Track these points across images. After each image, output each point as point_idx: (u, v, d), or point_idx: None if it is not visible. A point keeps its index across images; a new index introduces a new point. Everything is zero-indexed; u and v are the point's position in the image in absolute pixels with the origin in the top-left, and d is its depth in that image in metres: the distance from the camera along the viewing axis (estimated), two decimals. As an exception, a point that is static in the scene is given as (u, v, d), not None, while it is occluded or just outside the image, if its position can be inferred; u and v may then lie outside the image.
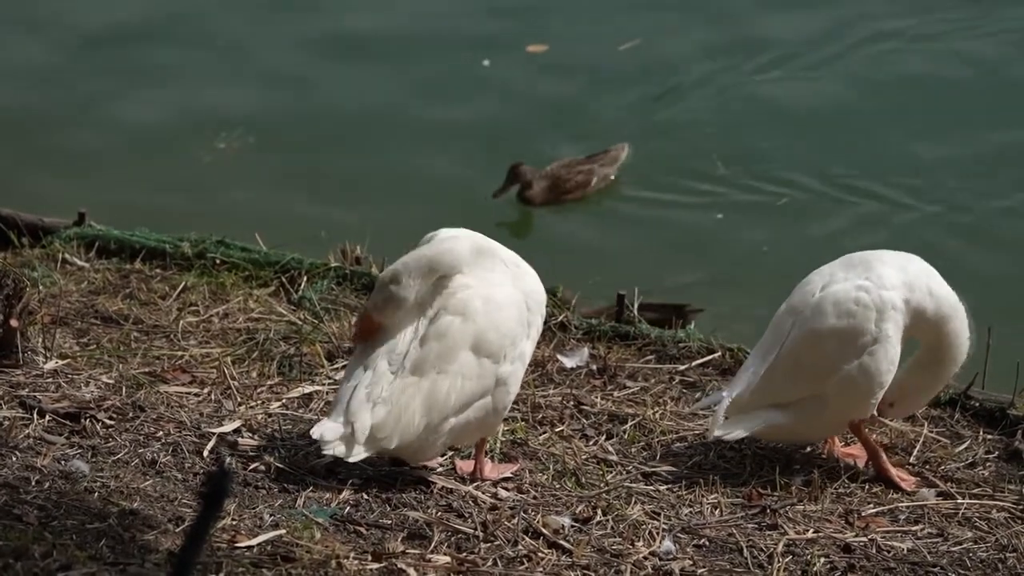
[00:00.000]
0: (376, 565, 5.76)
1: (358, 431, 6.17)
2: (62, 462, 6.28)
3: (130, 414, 6.73)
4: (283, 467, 6.46)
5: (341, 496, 6.28)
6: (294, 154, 12.30)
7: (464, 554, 5.94)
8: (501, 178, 12.00)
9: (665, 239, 11.65)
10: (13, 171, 11.60)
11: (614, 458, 6.89)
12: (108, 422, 6.65)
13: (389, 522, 6.12)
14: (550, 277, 7.06)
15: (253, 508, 6.09)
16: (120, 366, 7.19)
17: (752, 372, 6.78)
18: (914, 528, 6.48)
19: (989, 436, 7.23)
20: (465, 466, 6.61)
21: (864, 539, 6.33)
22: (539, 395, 7.27)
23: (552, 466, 6.74)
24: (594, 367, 7.63)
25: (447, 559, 5.88)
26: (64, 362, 7.13)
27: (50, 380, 6.96)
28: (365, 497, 6.29)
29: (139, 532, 5.68)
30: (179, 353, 7.39)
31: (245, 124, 12.38)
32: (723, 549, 6.22)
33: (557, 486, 6.60)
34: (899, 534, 6.43)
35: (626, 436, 7.06)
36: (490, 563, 5.90)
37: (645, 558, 6.08)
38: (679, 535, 6.27)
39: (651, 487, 6.67)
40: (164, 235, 8.63)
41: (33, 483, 6.01)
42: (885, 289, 6.71)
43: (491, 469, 6.59)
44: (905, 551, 6.29)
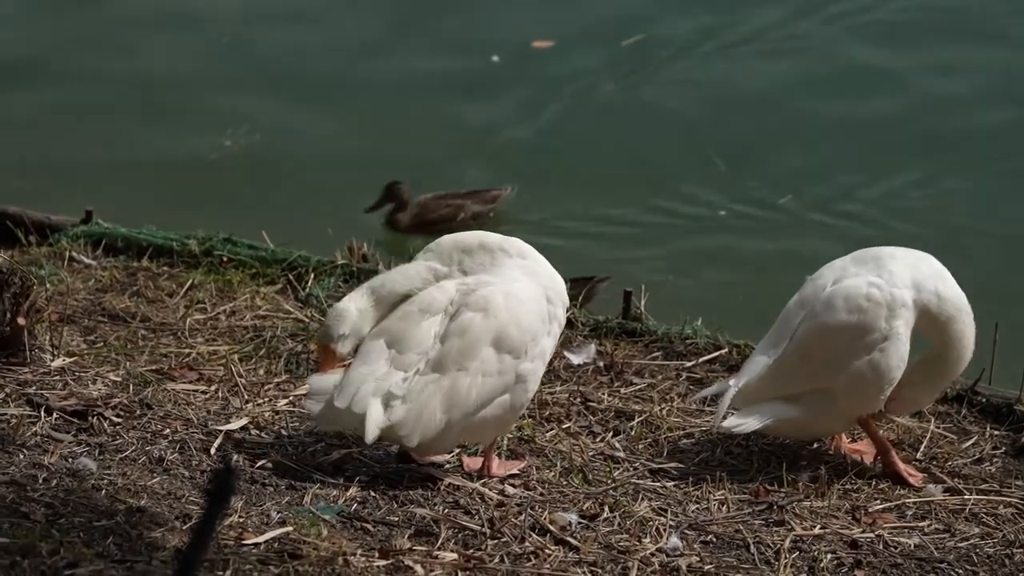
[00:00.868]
0: (383, 562, 5.76)
1: (369, 425, 6.18)
2: (69, 460, 6.29)
3: (137, 412, 6.74)
4: (290, 464, 6.46)
5: (348, 493, 6.28)
6: (299, 151, 12.26)
7: (471, 551, 5.94)
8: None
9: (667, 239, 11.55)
10: (20, 169, 11.59)
11: (621, 455, 6.89)
12: (115, 420, 6.65)
13: (396, 519, 6.12)
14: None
15: (260, 505, 6.10)
16: (127, 364, 7.20)
17: (760, 363, 6.78)
18: (921, 524, 6.48)
19: (996, 432, 7.23)
20: (472, 463, 6.61)
21: (871, 535, 6.33)
22: (546, 392, 7.27)
23: (559, 463, 6.74)
24: (601, 364, 7.63)
25: (454, 556, 5.88)
26: (71, 360, 7.14)
27: (57, 378, 6.97)
28: (372, 494, 6.29)
29: (146, 529, 5.68)
30: (186, 351, 7.40)
31: (251, 121, 12.37)
32: (730, 545, 6.22)
33: (564, 483, 6.60)
34: (906, 530, 6.42)
35: (633, 433, 7.06)
36: (497, 560, 5.90)
37: (652, 554, 6.08)
38: (686, 531, 6.27)
39: (658, 484, 6.67)
40: (171, 233, 8.63)
41: (40, 481, 6.02)
42: (896, 287, 6.71)
43: (498, 466, 6.59)
44: (912, 547, 6.29)
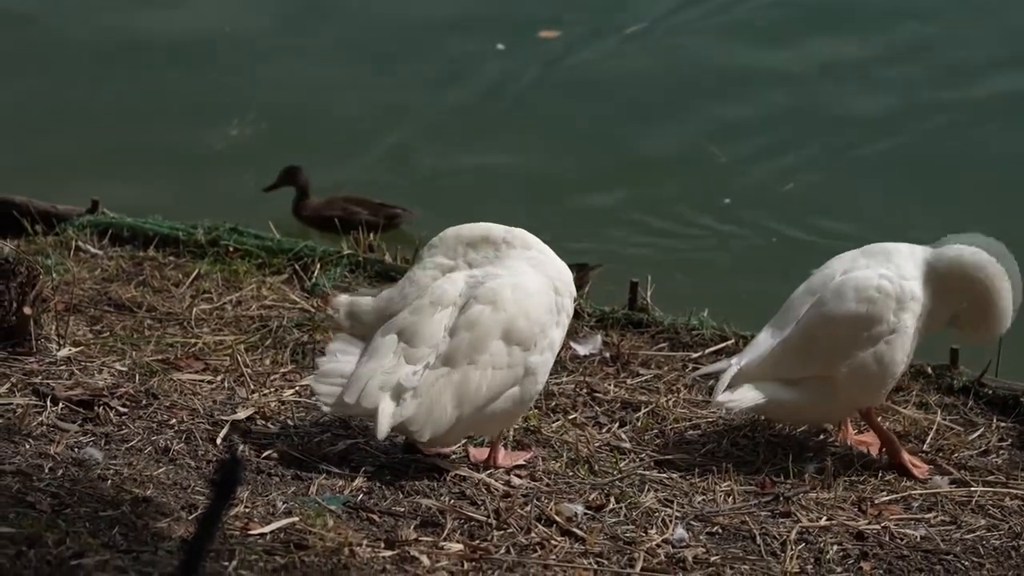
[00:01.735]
0: (389, 552, 5.76)
1: (381, 422, 6.19)
2: (75, 450, 6.29)
3: (143, 402, 6.74)
4: (296, 455, 6.46)
5: (354, 484, 6.28)
6: (303, 140, 12.25)
7: (477, 541, 5.94)
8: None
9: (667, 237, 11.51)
10: (27, 159, 11.60)
11: (627, 446, 6.88)
12: (121, 409, 6.65)
13: (402, 509, 6.12)
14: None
15: (266, 495, 6.10)
16: (133, 354, 7.19)
17: (763, 345, 6.79)
18: (927, 516, 6.48)
19: (1003, 424, 7.23)
20: (478, 454, 6.61)
21: (877, 527, 6.33)
22: (552, 382, 7.27)
23: (565, 454, 6.74)
24: (607, 355, 7.62)
25: (460, 547, 5.88)
26: (77, 350, 7.14)
27: (63, 368, 6.97)
28: (378, 485, 6.29)
29: (152, 520, 5.68)
30: (192, 341, 7.40)
31: (257, 110, 12.36)
32: (736, 537, 6.21)
33: (570, 474, 6.60)
34: (912, 522, 6.42)
35: (639, 424, 7.05)
36: (503, 551, 5.90)
37: (658, 546, 6.08)
38: (692, 523, 6.27)
39: (664, 475, 6.67)
40: (177, 223, 8.63)
41: (46, 470, 6.02)
42: (906, 279, 6.72)
43: (504, 457, 6.59)
44: (918, 539, 6.29)
